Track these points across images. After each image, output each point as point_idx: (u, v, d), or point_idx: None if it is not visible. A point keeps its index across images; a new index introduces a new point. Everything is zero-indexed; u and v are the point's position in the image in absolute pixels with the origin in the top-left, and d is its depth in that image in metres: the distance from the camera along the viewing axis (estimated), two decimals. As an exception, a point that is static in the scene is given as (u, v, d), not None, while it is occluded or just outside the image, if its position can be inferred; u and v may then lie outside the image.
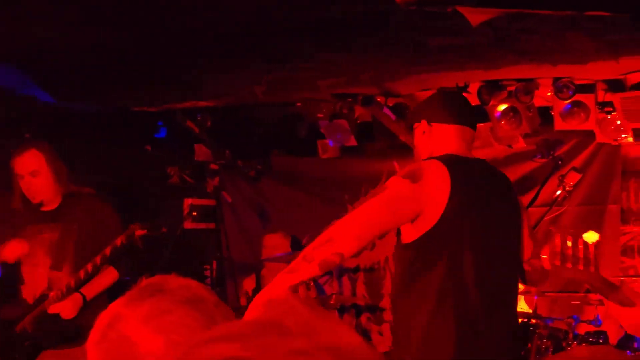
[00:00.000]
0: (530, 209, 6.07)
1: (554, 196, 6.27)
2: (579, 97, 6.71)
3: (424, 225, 3.68)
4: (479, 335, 3.70)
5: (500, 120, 7.00)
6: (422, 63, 6.19)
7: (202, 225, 8.68)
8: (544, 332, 6.11)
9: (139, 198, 8.07)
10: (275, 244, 7.46)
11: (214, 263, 8.65)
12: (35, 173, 5.22)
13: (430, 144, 3.91)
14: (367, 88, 7.19)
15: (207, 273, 8.67)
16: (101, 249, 5.04)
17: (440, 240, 3.68)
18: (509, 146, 7.56)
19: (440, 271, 3.69)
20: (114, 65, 6.12)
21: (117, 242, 5.04)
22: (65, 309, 5.10)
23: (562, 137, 7.63)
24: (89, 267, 5.05)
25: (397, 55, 6.00)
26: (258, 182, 8.99)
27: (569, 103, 6.75)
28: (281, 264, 7.25)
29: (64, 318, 5.09)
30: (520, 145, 7.44)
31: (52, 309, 5.10)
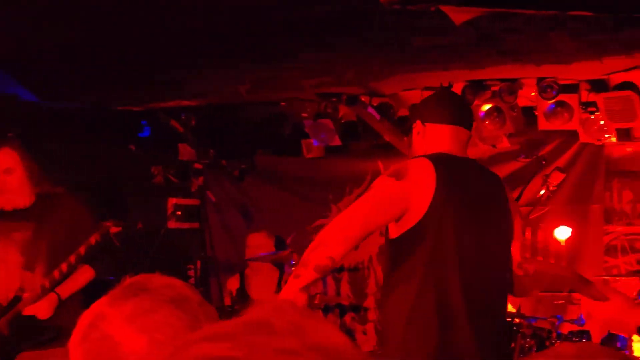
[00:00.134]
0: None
1: (538, 196, 6.27)
2: (562, 97, 6.73)
3: (408, 222, 3.72)
4: (460, 331, 3.73)
5: (485, 120, 7.01)
6: (407, 63, 6.20)
7: (186, 225, 8.66)
8: (528, 332, 6.13)
9: (122, 197, 8.04)
10: (259, 243, 7.44)
11: (198, 263, 8.63)
12: (9, 171, 5.14)
13: (425, 143, 3.96)
14: (352, 87, 7.20)
15: (191, 273, 8.65)
16: (75, 248, 4.99)
17: (423, 236, 3.72)
18: (493, 146, 7.58)
19: (422, 266, 3.73)
20: (98, 64, 6.09)
21: (92, 241, 4.97)
22: (41, 309, 5.03)
23: (546, 137, 7.66)
24: (64, 267, 4.98)
25: (382, 55, 6.00)
26: (242, 182, 8.97)
27: (553, 103, 6.78)
28: (265, 263, 7.26)
29: (40, 319, 5.04)
30: (504, 145, 7.46)
31: (27, 311, 5.03)
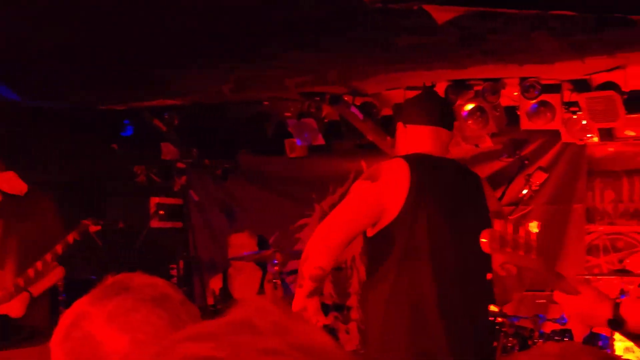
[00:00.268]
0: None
1: (520, 195, 6.30)
2: (545, 97, 6.75)
3: (383, 221, 3.80)
4: (432, 330, 3.78)
5: (467, 120, 7.02)
6: (390, 62, 6.20)
7: (169, 224, 8.65)
8: (510, 331, 6.15)
9: (103, 196, 8.01)
10: (241, 242, 7.44)
11: (181, 262, 8.62)
12: None
13: (406, 144, 4.04)
14: (335, 87, 7.19)
15: (174, 272, 8.64)
16: (49, 246, 4.93)
17: (396, 235, 3.80)
18: (476, 145, 7.59)
19: (395, 265, 3.80)
20: (80, 63, 6.07)
21: (69, 239, 4.93)
22: (14, 308, 4.99)
23: (529, 137, 7.68)
24: (39, 265, 4.93)
25: (365, 55, 6.00)
26: (225, 181, 8.96)
27: (535, 103, 6.80)
28: (248, 262, 7.26)
29: (12, 317, 4.99)
30: (487, 144, 7.47)
31: (0, 310, 5.00)
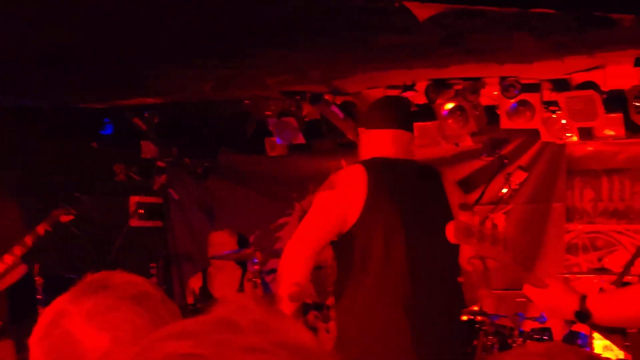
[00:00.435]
0: (475, 207, 6.11)
1: (500, 194, 6.30)
2: (524, 96, 6.78)
3: (345, 226, 3.89)
4: (392, 332, 3.87)
5: (448, 119, 7.04)
6: (370, 61, 6.20)
7: (149, 223, 8.62)
8: (490, 329, 6.16)
9: (84, 195, 7.97)
10: (221, 241, 7.42)
11: (161, 261, 8.59)
12: None
13: (368, 148, 4.14)
14: (316, 86, 7.19)
15: (154, 271, 8.60)
16: (9, 244, 4.84)
17: (357, 239, 3.88)
18: (456, 144, 7.61)
19: (357, 268, 3.89)
20: (60, 61, 6.04)
21: (39, 230, 4.85)
22: None
23: (508, 136, 7.70)
24: (8, 259, 4.84)
25: (345, 53, 6.00)
26: (205, 180, 8.94)
27: (515, 102, 6.82)
28: (228, 261, 7.24)
29: None
30: (467, 143, 7.49)
31: None
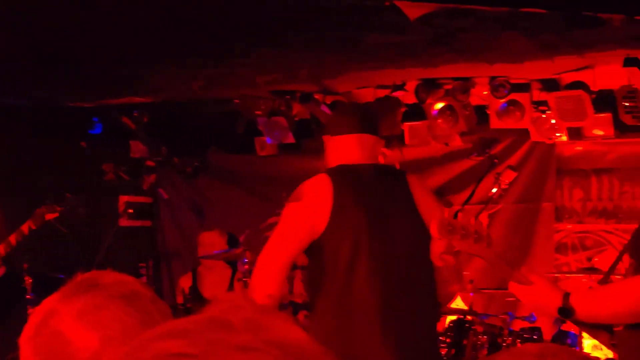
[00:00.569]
0: (466, 207, 6.13)
1: (490, 194, 6.32)
2: (514, 96, 6.79)
3: (315, 234, 3.88)
4: (363, 335, 3.84)
5: (437, 119, 7.04)
6: (360, 60, 6.20)
7: (138, 223, 8.60)
8: (480, 329, 6.17)
9: (73, 195, 7.95)
10: (211, 241, 7.41)
11: (150, 261, 8.58)
12: None
13: (334, 156, 4.13)
14: (305, 85, 7.19)
15: (143, 271, 8.59)
16: None
17: (326, 248, 3.89)
18: (446, 144, 7.62)
19: (329, 277, 3.89)
20: (48, 60, 6.02)
21: (24, 229, 4.82)
22: None
23: (498, 136, 7.71)
24: None
25: (335, 53, 6.00)
26: (195, 179, 8.92)
27: (505, 102, 6.83)
28: (218, 261, 7.22)
29: None
30: (456, 143, 7.50)
31: None
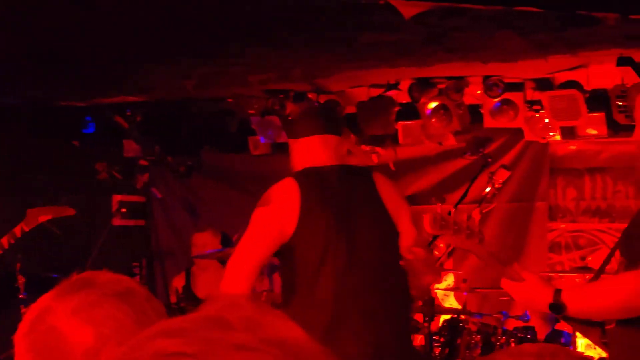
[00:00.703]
0: (459, 206, 6.13)
1: (483, 193, 6.32)
2: (508, 96, 6.80)
3: (285, 238, 3.91)
4: (344, 339, 3.84)
5: (431, 118, 7.05)
6: (354, 59, 6.20)
7: (131, 222, 8.59)
8: (473, 328, 6.18)
9: (66, 195, 7.94)
10: (204, 241, 7.40)
11: (144, 260, 8.56)
12: None
13: (300, 158, 4.15)
14: (299, 84, 7.19)
15: (137, 270, 8.58)
16: None
17: (296, 251, 3.92)
18: (440, 143, 7.62)
19: (300, 279, 3.93)
20: (41, 59, 6.00)
21: (16, 231, 4.80)
22: None
23: (492, 135, 7.71)
24: None
25: (329, 52, 6.00)
26: (188, 179, 8.91)
27: (498, 101, 6.84)
28: (211, 260, 7.22)
29: None
30: (450, 142, 7.50)
31: None
